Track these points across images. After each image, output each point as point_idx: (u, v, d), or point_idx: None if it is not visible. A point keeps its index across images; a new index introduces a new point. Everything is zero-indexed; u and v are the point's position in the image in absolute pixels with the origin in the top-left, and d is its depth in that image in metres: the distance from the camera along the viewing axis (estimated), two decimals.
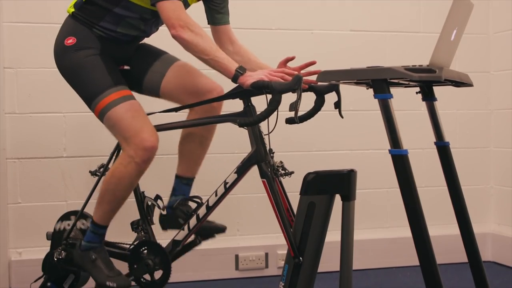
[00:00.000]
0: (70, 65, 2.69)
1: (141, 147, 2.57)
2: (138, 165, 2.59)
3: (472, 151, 4.34)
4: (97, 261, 2.73)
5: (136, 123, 2.61)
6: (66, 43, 2.69)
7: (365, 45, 4.14)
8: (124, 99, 2.63)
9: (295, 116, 2.33)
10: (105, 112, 2.62)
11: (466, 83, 2.46)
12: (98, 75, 2.65)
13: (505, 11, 4.25)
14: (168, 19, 2.49)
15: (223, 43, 2.91)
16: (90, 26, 2.70)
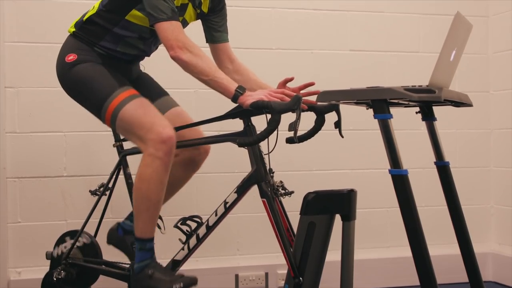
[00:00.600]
0: (73, 79, 2.69)
1: (159, 140, 2.50)
2: (161, 160, 2.50)
3: (472, 170, 4.34)
4: (154, 274, 2.59)
5: (149, 118, 2.56)
6: (67, 60, 2.70)
7: (365, 64, 4.15)
8: (132, 98, 2.61)
9: (294, 136, 2.33)
10: (117, 114, 2.58)
11: (466, 103, 2.47)
12: (102, 81, 2.63)
13: (504, 31, 4.27)
14: (166, 40, 2.49)
15: (222, 61, 2.91)
16: (91, 45, 2.72)
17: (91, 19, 2.73)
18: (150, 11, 2.50)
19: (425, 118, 2.59)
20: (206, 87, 2.55)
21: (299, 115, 2.30)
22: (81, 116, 2.94)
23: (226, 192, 2.67)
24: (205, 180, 3.68)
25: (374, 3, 4.20)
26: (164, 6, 2.48)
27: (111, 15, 2.69)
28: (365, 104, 2.40)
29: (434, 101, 2.33)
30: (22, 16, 3.59)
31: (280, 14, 4.02)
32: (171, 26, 2.49)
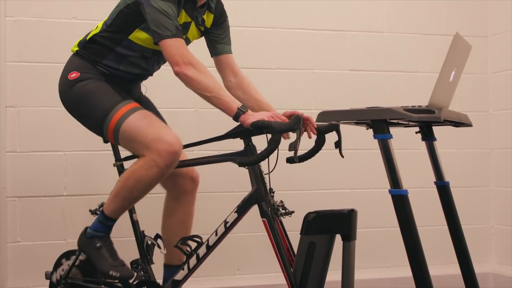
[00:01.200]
0: (75, 95, 2.69)
1: (166, 151, 2.49)
2: (160, 169, 2.51)
3: (472, 190, 4.34)
4: (102, 249, 2.65)
5: (155, 128, 2.56)
6: (69, 77, 2.71)
7: (365, 84, 4.17)
8: (135, 110, 2.61)
9: (295, 156, 2.34)
10: (119, 127, 2.58)
11: (466, 123, 2.48)
12: (105, 95, 2.64)
13: (503, 51, 4.29)
14: (172, 57, 2.50)
15: (226, 74, 2.93)
16: (94, 64, 2.73)
17: (94, 38, 2.75)
18: (155, 28, 2.52)
19: (425, 138, 2.59)
20: (206, 107, 2.56)
21: (300, 135, 2.31)
22: (81, 135, 2.94)
23: (227, 212, 2.67)
24: (205, 199, 3.67)
25: (374, 24, 4.23)
26: (168, 23, 2.50)
27: (115, 34, 2.71)
28: (365, 124, 2.41)
29: (433, 121, 2.33)
30: (23, 36, 3.61)
31: (280, 34, 4.05)
32: (176, 43, 2.51)
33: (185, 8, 2.70)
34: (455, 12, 4.39)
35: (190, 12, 2.74)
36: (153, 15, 2.51)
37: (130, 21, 2.66)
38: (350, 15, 4.19)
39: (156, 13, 2.51)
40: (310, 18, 4.11)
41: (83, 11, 3.69)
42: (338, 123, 2.50)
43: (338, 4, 4.17)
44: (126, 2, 2.66)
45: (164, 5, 2.51)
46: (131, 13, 2.64)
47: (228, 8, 2.96)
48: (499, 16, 4.35)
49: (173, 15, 2.52)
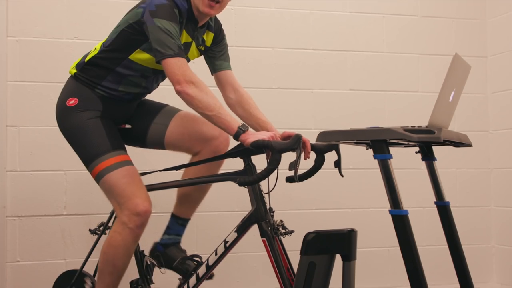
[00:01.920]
0: (71, 126, 2.71)
1: (134, 212, 2.56)
2: (132, 231, 2.57)
3: (472, 210, 4.33)
4: None
5: (130, 188, 2.60)
6: (68, 104, 2.71)
7: (365, 104, 4.18)
8: (121, 165, 2.64)
9: (294, 175, 2.34)
10: (102, 176, 2.63)
11: (465, 144, 2.48)
12: (97, 138, 2.66)
13: (502, 71, 4.31)
14: (173, 75, 2.51)
15: (226, 90, 2.94)
16: (92, 87, 2.74)
17: (93, 60, 2.76)
18: (157, 47, 2.53)
19: (424, 158, 2.60)
20: None
21: (299, 154, 2.32)
22: None
23: (226, 231, 2.66)
24: (205, 218, 3.67)
25: (373, 44, 4.25)
26: (171, 42, 2.52)
27: (115, 54, 2.72)
28: (365, 144, 2.41)
29: (433, 142, 2.34)
30: (25, 56, 3.63)
31: (280, 54, 4.07)
32: (178, 62, 2.52)
33: (186, 29, 2.72)
34: (454, 32, 4.42)
35: (191, 32, 2.75)
36: (156, 34, 2.53)
37: (132, 41, 2.68)
38: (349, 35, 4.21)
39: (159, 32, 2.52)
40: (310, 38, 4.13)
41: (84, 31, 3.71)
42: (338, 143, 2.50)
43: (337, 24, 4.19)
44: (128, 22, 2.68)
45: (167, 25, 2.53)
46: (133, 33, 2.66)
47: (228, 28, 2.98)
48: (498, 37, 4.37)
49: (175, 34, 2.54)
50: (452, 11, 4.43)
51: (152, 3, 2.58)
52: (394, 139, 2.17)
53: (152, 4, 2.58)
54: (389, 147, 2.20)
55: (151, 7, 2.57)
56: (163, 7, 2.57)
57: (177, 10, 2.61)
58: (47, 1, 3.69)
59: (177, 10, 2.61)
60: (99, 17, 3.73)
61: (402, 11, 4.33)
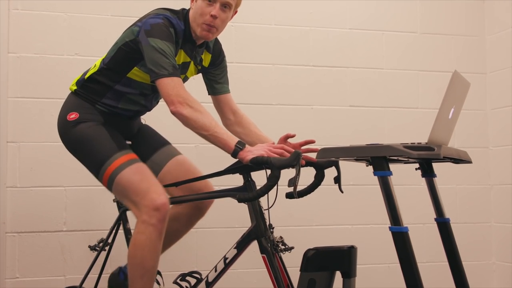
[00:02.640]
0: (74, 138, 2.70)
1: (153, 208, 2.50)
2: (155, 227, 2.50)
3: (473, 226, 4.33)
4: None
5: (144, 185, 2.56)
6: (68, 118, 2.71)
7: (365, 120, 4.19)
8: (130, 163, 2.62)
9: (294, 192, 2.34)
10: (113, 178, 2.59)
11: (465, 160, 2.48)
12: (103, 143, 2.65)
13: (502, 88, 4.32)
14: (167, 96, 2.51)
15: (225, 113, 2.95)
16: (93, 103, 2.74)
17: (92, 77, 2.76)
18: (152, 67, 2.53)
19: (424, 175, 2.60)
20: (206, 142, 2.57)
21: (299, 170, 2.31)
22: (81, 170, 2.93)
23: (226, 248, 2.66)
24: (204, 235, 3.67)
25: (373, 60, 4.27)
26: (165, 62, 2.52)
27: (113, 72, 2.73)
28: (365, 161, 2.41)
29: (433, 159, 2.34)
30: (25, 72, 3.64)
31: (280, 70, 4.08)
32: (172, 82, 2.52)
33: (184, 48, 2.73)
34: (453, 49, 4.43)
35: (189, 52, 2.76)
36: (150, 54, 2.53)
37: (129, 59, 2.69)
38: (349, 52, 4.23)
39: (154, 52, 2.53)
40: (309, 54, 4.15)
41: (85, 48, 3.73)
42: (338, 159, 2.50)
43: (337, 41, 4.21)
44: (125, 40, 2.69)
45: (162, 44, 2.54)
46: (130, 51, 2.67)
47: (228, 45, 2.99)
48: (498, 53, 4.39)
49: (170, 54, 2.54)
50: (451, 28, 4.45)
51: (147, 22, 2.59)
52: (394, 156, 2.17)
53: (147, 23, 2.59)
54: (389, 163, 2.21)
55: (146, 26, 2.58)
56: (158, 27, 2.57)
57: (173, 29, 2.62)
58: (48, 18, 3.71)
59: (173, 30, 2.62)
60: (100, 34, 3.75)
61: (402, 28, 4.35)
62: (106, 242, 2.91)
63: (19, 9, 3.67)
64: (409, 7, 4.38)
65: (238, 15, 2.90)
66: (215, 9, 2.65)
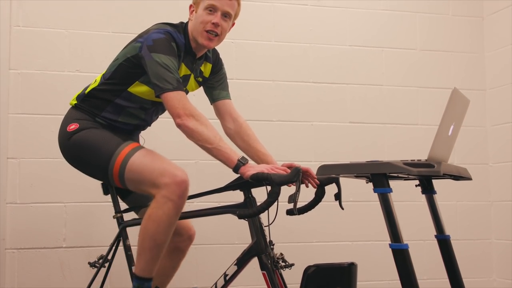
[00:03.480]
0: (76, 145, 2.69)
1: (174, 183, 2.46)
2: (174, 203, 2.46)
3: (473, 243, 4.32)
4: None
5: (159, 163, 2.55)
6: (68, 129, 2.71)
7: (364, 137, 4.19)
8: (137, 149, 2.61)
9: (294, 208, 2.34)
10: (124, 167, 2.57)
11: (465, 177, 2.49)
12: (105, 140, 2.64)
13: (502, 104, 4.33)
14: (173, 109, 2.52)
15: (225, 120, 2.95)
16: (93, 116, 2.75)
17: (93, 91, 2.77)
18: (156, 82, 2.54)
19: (424, 191, 2.60)
20: (207, 158, 2.57)
21: (299, 187, 2.32)
22: (81, 186, 2.95)
23: (226, 264, 2.65)
24: (205, 251, 3.66)
25: (373, 77, 4.28)
26: (169, 76, 2.53)
27: (114, 87, 2.74)
28: (365, 178, 2.41)
29: (433, 176, 2.34)
30: (26, 88, 3.65)
31: (281, 87, 4.09)
32: (177, 95, 2.53)
33: (184, 61, 2.74)
34: (453, 66, 4.45)
35: (190, 65, 2.78)
36: (154, 69, 2.55)
37: (130, 74, 2.70)
38: (349, 68, 4.24)
39: (157, 66, 2.54)
40: (309, 71, 4.16)
41: (86, 64, 3.74)
42: (338, 176, 2.51)
43: (337, 58, 4.22)
44: (126, 56, 2.70)
45: (165, 59, 2.55)
46: (131, 66, 2.68)
47: (228, 62, 3.00)
48: (497, 70, 4.40)
49: (174, 68, 2.56)
50: (451, 45, 4.47)
51: (149, 38, 2.61)
52: (394, 173, 2.17)
53: (149, 38, 2.61)
54: (389, 180, 2.21)
55: (148, 41, 2.60)
56: (161, 42, 2.59)
57: (175, 43, 2.64)
58: (49, 35, 3.73)
59: (175, 44, 2.64)
60: (101, 51, 3.76)
61: (401, 45, 4.37)
62: (106, 258, 2.90)
63: (21, 25, 3.69)
64: (409, 24, 4.41)
65: (239, 32, 2.93)
66: (217, 17, 2.68)
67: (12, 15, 3.67)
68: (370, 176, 2.23)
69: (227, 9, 2.70)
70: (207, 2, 2.68)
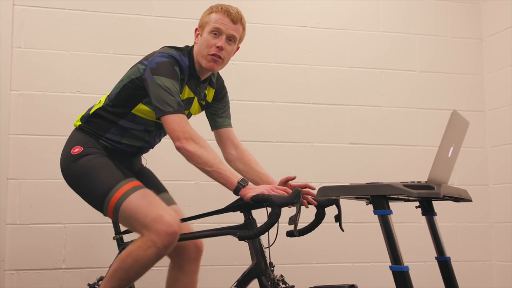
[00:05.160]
0: (77, 171, 2.70)
1: (165, 232, 2.48)
2: (159, 250, 2.49)
3: (474, 264, 4.30)
4: None
5: (155, 208, 2.55)
6: (72, 152, 2.72)
7: (364, 157, 4.20)
8: (136, 188, 2.62)
9: (294, 230, 2.33)
10: (120, 205, 2.57)
11: (465, 199, 2.48)
12: (106, 172, 2.65)
13: (501, 125, 4.34)
14: (173, 132, 2.54)
15: (226, 147, 2.96)
16: (97, 138, 2.76)
17: (97, 113, 2.79)
18: (157, 104, 2.56)
19: (425, 213, 2.60)
20: (207, 179, 2.57)
21: (299, 208, 2.31)
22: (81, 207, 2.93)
23: (226, 285, 2.65)
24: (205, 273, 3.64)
25: (373, 98, 4.29)
26: (170, 99, 2.55)
27: (118, 109, 2.75)
28: (365, 199, 2.41)
29: (433, 197, 2.34)
30: (27, 109, 3.66)
31: (281, 108, 4.10)
32: (177, 119, 2.54)
33: (188, 84, 2.76)
34: (453, 87, 4.47)
35: (194, 88, 2.80)
36: (155, 91, 2.57)
37: (134, 95, 2.71)
38: (349, 90, 4.26)
39: (159, 89, 2.56)
40: (309, 92, 4.18)
41: (87, 85, 3.76)
42: (338, 197, 2.51)
43: (337, 79, 4.24)
44: (130, 77, 2.72)
45: (166, 82, 2.57)
46: (135, 88, 2.70)
47: (229, 83, 3.01)
48: (496, 91, 4.42)
49: (175, 91, 2.58)
50: (450, 66, 4.49)
51: (153, 61, 2.63)
52: (394, 194, 2.17)
53: (153, 61, 2.63)
54: (389, 202, 2.21)
55: (151, 64, 2.62)
56: (163, 65, 2.62)
57: (178, 67, 2.66)
58: (50, 56, 3.75)
59: (178, 67, 2.66)
60: (101, 72, 3.78)
61: (401, 66, 4.39)
62: None
63: (22, 47, 3.71)
64: (408, 46, 4.43)
65: (239, 54, 2.94)
66: (221, 41, 2.70)
67: (13, 36, 3.69)
68: (370, 198, 2.23)
69: (232, 33, 2.72)
70: (212, 25, 2.71)
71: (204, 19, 2.76)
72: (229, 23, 2.71)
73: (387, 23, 4.41)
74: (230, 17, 2.71)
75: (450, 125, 2.23)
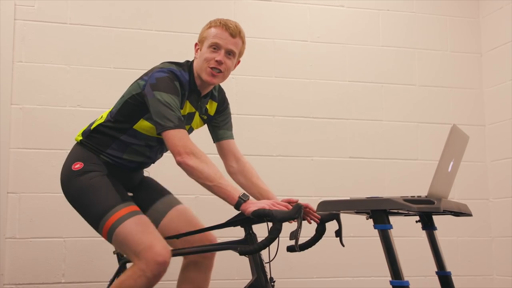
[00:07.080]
0: (76, 189, 2.70)
1: (154, 261, 2.49)
2: (148, 280, 2.50)
3: (474, 279, 4.29)
4: None
5: (147, 236, 2.56)
6: (73, 168, 2.73)
7: (364, 172, 4.19)
8: (132, 214, 2.62)
9: (295, 245, 2.33)
10: (114, 229, 2.58)
11: (465, 213, 2.48)
12: (105, 194, 2.65)
13: (501, 140, 4.34)
14: (174, 147, 2.54)
15: (228, 159, 2.96)
16: (97, 153, 2.76)
17: (98, 128, 2.79)
18: (158, 120, 2.56)
19: (425, 227, 2.59)
20: (207, 193, 2.57)
21: (300, 223, 2.31)
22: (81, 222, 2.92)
23: None
24: None
25: (373, 112, 4.30)
26: (170, 115, 2.55)
27: (120, 124, 2.75)
28: (365, 214, 2.41)
29: (433, 212, 2.34)
30: (28, 123, 3.67)
31: (281, 122, 4.11)
32: (178, 134, 2.55)
33: (189, 99, 2.76)
34: (452, 101, 4.47)
35: (195, 103, 2.80)
36: (156, 107, 2.57)
37: (135, 111, 2.72)
38: (348, 104, 4.27)
39: (159, 105, 2.56)
40: (310, 106, 4.18)
41: (87, 99, 3.77)
42: (338, 212, 2.51)
43: (337, 93, 4.25)
44: (131, 93, 2.73)
45: (167, 97, 2.57)
46: (136, 104, 2.70)
47: (229, 97, 3.02)
48: (496, 106, 4.43)
49: (175, 106, 2.58)
50: (450, 80, 4.50)
51: (153, 76, 2.64)
52: (394, 209, 2.17)
53: (153, 77, 2.64)
54: (390, 216, 2.21)
55: (151, 80, 2.63)
56: (163, 80, 2.62)
57: (178, 82, 2.66)
58: (51, 70, 3.76)
59: (178, 82, 2.66)
60: (102, 86, 3.79)
61: (401, 81, 4.40)
62: None
63: (23, 61, 3.72)
64: (408, 60, 4.44)
65: (239, 68, 2.95)
66: (220, 55, 2.71)
67: (14, 50, 3.71)
68: (370, 213, 2.23)
69: (231, 47, 2.73)
70: (211, 40, 2.72)
71: (203, 34, 2.77)
72: (227, 37, 2.72)
73: (387, 38, 4.43)
74: (228, 31, 2.72)
75: (450, 139, 2.24)
